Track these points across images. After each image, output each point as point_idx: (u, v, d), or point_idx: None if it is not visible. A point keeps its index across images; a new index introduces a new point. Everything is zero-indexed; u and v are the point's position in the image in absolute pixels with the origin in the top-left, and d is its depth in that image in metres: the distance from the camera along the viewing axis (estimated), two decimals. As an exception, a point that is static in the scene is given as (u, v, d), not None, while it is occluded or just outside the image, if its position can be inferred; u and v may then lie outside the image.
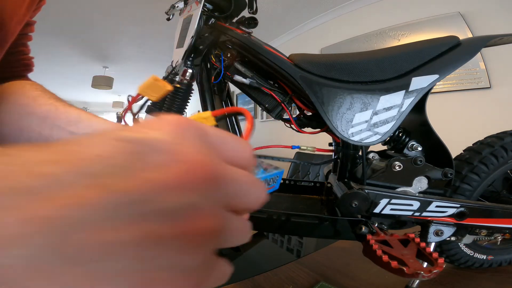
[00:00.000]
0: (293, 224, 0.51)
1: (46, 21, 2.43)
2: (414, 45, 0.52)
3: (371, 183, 0.50)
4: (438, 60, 0.50)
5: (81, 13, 2.33)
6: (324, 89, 0.49)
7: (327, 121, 0.48)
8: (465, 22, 1.58)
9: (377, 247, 0.38)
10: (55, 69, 3.95)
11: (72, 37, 2.82)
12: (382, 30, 1.99)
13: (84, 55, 3.41)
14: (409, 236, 0.42)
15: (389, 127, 0.49)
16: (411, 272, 0.33)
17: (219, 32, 0.63)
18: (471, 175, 0.51)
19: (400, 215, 0.48)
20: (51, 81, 4.62)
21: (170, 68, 0.68)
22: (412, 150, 0.51)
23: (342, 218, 0.50)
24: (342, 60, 0.51)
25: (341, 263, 0.63)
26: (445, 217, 0.48)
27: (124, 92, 5.50)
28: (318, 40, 2.49)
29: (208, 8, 0.65)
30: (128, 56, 3.50)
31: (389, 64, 0.50)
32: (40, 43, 2.96)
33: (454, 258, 0.56)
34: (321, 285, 0.53)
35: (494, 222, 0.50)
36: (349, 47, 2.20)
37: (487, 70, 1.51)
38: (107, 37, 2.87)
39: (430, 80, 0.48)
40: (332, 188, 0.62)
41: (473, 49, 0.51)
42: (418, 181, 0.49)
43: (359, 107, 0.48)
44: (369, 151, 0.54)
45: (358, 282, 0.55)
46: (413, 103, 0.48)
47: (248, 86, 0.58)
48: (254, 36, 0.60)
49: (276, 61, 0.52)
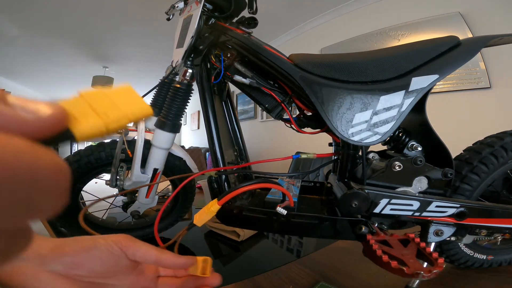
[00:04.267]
0: (293, 224, 0.51)
1: (46, 21, 2.43)
2: (414, 45, 0.52)
3: (371, 183, 0.50)
4: (438, 60, 0.49)
5: (81, 13, 2.33)
6: (324, 89, 0.49)
7: (327, 121, 0.48)
8: (465, 22, 1.58)
9: (377, 247, 0.38)
10: (55, 69, 3.95)
11: (72, 37, 2.82)
12: (382, 30, 1.99)
13: (84, 55, 3.41)
14: (409, 236, 0.42)
15: (389, 127, 0.49)
16: (411, 272, 0.33)
17: (219, 32, 0.63)
18: (471, 175, 0.51)
19: (400, 215, 0.48)
20: (51, 81, 4.62)
21: (170, 68, 0.69)
22: (412, 150, 0.51)
23: (342, 218, 0.50)
24: (342, 60, 0.51)
25: (341, 263, 0.63)
26: (445, 217, 0.48)
27: (124, 92, 5.50)
28: (318, 40, 2.49)
29: (208, 8, 0.65)
30: (128, 56, 3.50)
31: (389, 64, 0.50)
32: (40, 43, 2.96)
33: (454, 258, 0.56)
34: (321, 285, 0.53)
35: (494, 222, 0.50)
36: (349, 47, 2.20)
37: (487, 70, 1.51)
38: (107, 37, 2.87)
39: (430, 80, 0.48)
40: (332, 188, 0.62)
41: (473, 49, 0.51)
42: (418, 181, 0.49)
43: (359, 107, 0.48)
44: (369, 151, 0.54)
45: (358, 282, 0.55)
46: (413, 103, 0.48)
47: (248, 86, 0.58)
48: (254, 36, 0.60)
49: (276, 61, 0.52)
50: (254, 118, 3.34)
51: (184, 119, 5.97)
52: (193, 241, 0.78)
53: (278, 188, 0.30)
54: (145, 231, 0.79)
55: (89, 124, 0.11)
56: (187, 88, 0.67)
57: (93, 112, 0.11)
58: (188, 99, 0.69)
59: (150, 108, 0.15)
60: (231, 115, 0.73)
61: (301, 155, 0.62)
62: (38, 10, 2.21)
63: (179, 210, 0.81)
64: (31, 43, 2.96)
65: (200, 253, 0.71)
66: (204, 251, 0.73)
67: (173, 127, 0.67)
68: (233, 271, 0.62)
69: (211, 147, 0.60)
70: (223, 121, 0.68)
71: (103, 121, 0.12)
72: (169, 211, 0.81)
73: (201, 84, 0.63)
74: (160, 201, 0.85)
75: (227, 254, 0.72)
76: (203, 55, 0.64)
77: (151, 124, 0.71)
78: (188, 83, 0.67)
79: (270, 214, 0.51)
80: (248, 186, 0.27)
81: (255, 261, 0.67)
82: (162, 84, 0.73)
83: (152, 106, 0.74)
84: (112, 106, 0.12)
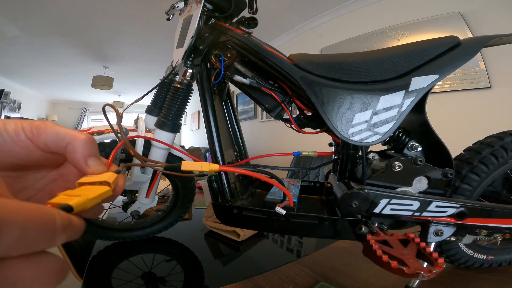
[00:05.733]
0: (293, 224, 0.51)
1: (46, 21, 2.43)
2: (414, 45, 0.52)
3: (371, 183, 0.50)
4: (438, 60, 0.49)
5: (81, 13, 2.33)
6: (324, 89, 0.49)
7: (327, 121, 0.48)
8: (465, 22, 1.58)
9: (377, 247, 0.38)
10: (55, 69, 3.95)
11: (72, 37, 2.83)
12: (382, 30, 1.99)
13: (84, 55, 3.41)
14: (409, 236, 0.42)
15: (389, 127, 0.49)
16: (411, 272, 0.33)
17: (219, 32, 0.63)
18: (471, 175, 0.51)
19: (400, 215, 0.48)
20: (51, 81, 4.63)
21: (170, 68, 0.69)
22: (412, 150, 0.51)
23: (342, 218, 0.50)
24: (342, 60, 0.51)
25: (341, 263, 0.63)
26: (445, 217, 0.48)
27: (124, 92, 5.51)
28: (318, 40, 2.49)
29: (208, 8, 0.65)
30: (128, 56, 3.50)
31: (389, 64, 0.50)
32: (40, 43, 2.97)
33: (454, 258, 0.56)
34: (321, 285, 0.53)
35: (494, 222, 0.50)
36: (349, 47, 2.20)
37: (487, 70, 1.51)
38: (107, 37, 2.87)
39: (430, 80, 0.48)
40: (332, 188, 0.62)
41: (473, 49, 0.51)
42: (418, 181, 0.49)
43: (359, 107, 0.48)
44: (369, 151, 0.55)
45: (358, 282, 0.55)
46: (413, 103, 0.48)
47: (248, 86, 0.58)
48: (254, 36, 0.60)
49: (276, 61, 0.52)
50: (254, 118, 3.34)
51: (184, 119, 5.97)
52: (193, 241, 0.78)
53: (278, 186, 0.30)
54: (145, 231, 0.79)
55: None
56: (187, 88, 0.67)
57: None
58: (188, 99, 0.69)
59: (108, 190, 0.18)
60: (231, 115, 0.73)
61: (302, 152, 0.62)
62: (38, 10, 2.21)
63: (179, 210, 0.81)
64: (31, 43, 2.96)
65: (200, 253, 0.71)
66: (204, 251, 0.73)
67: (173, 127, 0.67)
68: (233, 271, 0.62)
69: (211, 147, 0.60)
70: (223, 121, 0.68)
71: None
72: (169, 211, 0.81)
73: (201, 84, 0.63)
74: (160, 201, 0.85)
75: (227, 254, 0.72)
76: (203, 55, 0.64)
77: (151, 124, 0.71)
78: (188, 83, 0.67)
79: (269, 214, 0.51)
80: (251, 172, 0.27)
81: (255, 261, 0.67)
82: (162, 84, 0.74)
83: (152, 106, 0.74)
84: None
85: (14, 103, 4.74)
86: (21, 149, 0.19)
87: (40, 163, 0.21)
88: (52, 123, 0.20)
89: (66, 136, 0.19)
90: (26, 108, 5.13)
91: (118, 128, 0.33)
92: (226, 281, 0.56)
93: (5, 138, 0.18)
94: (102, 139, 0.67)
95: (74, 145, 0.19)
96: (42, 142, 0.19)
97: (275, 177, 0.35)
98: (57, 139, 0.19)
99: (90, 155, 0.20)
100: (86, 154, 0.20)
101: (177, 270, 0.63)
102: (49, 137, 0.19)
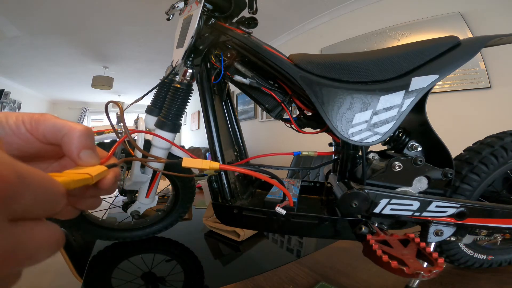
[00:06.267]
0: (293, 224, 0.51)
1: (46, 21, 2.43)
2: (414, 45, 0.52)
3: (371, 183, 0.50)
4: (438, 60, 0.49)
5: (81, 13, 2.33)
6: (324, 89, 0.49)
7: (327, 121, 0.48)
8: (465, 22, 1.58)
9: (377, 247, 0.38)
10: (55, 69, 3.95)
11: (72, 37, 2.82)
12: (382, 30, 1.99)
13: (84, 55, 3.41)
14: (409, 236, 0.42)
15: (389, 127, 0.49)
16: (411, 272, 0.33)
17: (219, 32, 0.63)
18: (471, 175, 0.51)
19: (400, 215, 0.48)
20: (51, 81, 4.62)
21: (170, 68, 0.68)
22: (412, 150, 0.51)
23: (342, 218, 0.50)
24: (342, 60, 0.51)
25: (341, 263, 0.63)
26: (445, 217, 0.48)
27: (124, 92, 5.51)
28: (318, 40, 2.49)
29: (208, 8, 0.65)
30: (128, 56, 3.50)
31: (389, 64, 0.50)
32: (40, 43, 2.96)
33: (454, 258, 0.56)
34: (321, 285, 0.53)
35: (494, 222, 0.50)
36: (349, 47, 2.20)
37: (487, 70, 1.51)
38: (107, 37, 2.87)
39: (430, 80, 0.48)
40: (332, 188, 0.62)
41: (473, 49, 0.51)
42: (418, 181, 0.49)
43: (359, 107, 0.48)
44: (369, 151, 0.55)
45: (358, 282, 0.55)
46: (413, 103, 0.48)
47: (248, 86, 0.58)
48: (254, 36, 0.60)
49: (276, 61, 0.52)
50: (254, 118, 3.34)
51: (184, 119, 5.97)
52: (193, 241, 0.78)
53: (278, 186, 0.30)
54: (145, 231, 0.79)
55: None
56: (187, 88, 0.67)
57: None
58: (188, 99, 0.69)
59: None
60: (231, 115, 0.73)
61: (302, 152, 0.62)
62: (38, 10, 2.21)
63: (179, 210, 0.81)
64: (31, 43, 2.96)
65: (200, 253, 0.71)
66: (204, 251, 0.73)
67: (173, 127, 0.67)
68: (233, 271, 0.62)
69: (211, 147, 0.60)
70: (223, 121, 0.68)
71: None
72: (169, 211, 0.81)
73: (201, 84, 0.63)
74: (160, 201, 0.85)
75: (227, 254, 0.72)
76: (203, 55, 0.64)
77: (151, 124, 0.71)
78: (188, 83, 0.67)
79: (269, 214, 0.51)
80: (252, 171, 0.27)
81: (255, 261, 0.67)
82: (162, 84, 0.74)
83: (152, 106, 0.74)
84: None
85: (14, 103, 4.74)
86: (22, 141, 0.20)
87: (41, 155, 0.21)
88: (52, 116, 0.20)
89: (63, 128, 0.20)
90: (26, 108, 5.13)
91: (122, 122, 0.33)
92: (226, 281, 0.56)
93: (6, 131, 0.19)
94: (102, 139, 0.67)
95: (70, 136, 0.20)
96: (41, 134, 0.20)
97: (275, 177, 0.35)
98: (54, 130, 0.20)
99: (85, 147, 0.20)
100: (80, 146, 0.20)
101: (177, 270, 0.63)
102: (47, 129, 0.20)
